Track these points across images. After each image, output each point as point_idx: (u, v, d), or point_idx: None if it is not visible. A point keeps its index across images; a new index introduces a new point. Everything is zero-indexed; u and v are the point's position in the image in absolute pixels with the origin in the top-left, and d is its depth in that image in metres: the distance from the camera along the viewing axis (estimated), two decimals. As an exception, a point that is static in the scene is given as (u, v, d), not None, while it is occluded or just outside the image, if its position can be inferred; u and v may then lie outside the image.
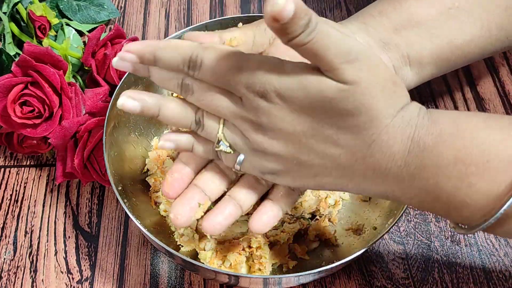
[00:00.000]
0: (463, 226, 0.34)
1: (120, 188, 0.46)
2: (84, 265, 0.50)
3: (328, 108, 0.31)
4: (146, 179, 0.51)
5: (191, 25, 0.64)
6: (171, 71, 0.35)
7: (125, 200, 0.45)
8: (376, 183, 0.34)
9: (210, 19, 0.70)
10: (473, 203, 0.32)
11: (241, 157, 0.36)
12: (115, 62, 0.35)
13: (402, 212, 0.43)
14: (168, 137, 0.38)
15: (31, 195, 0.55)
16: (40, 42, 0.57)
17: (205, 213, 0.39)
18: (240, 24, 0.42)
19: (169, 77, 0.35)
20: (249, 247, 0.47)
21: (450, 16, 0.46)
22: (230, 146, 0.36)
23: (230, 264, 0.46)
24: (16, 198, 0.54)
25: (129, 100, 0.36)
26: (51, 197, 0.55)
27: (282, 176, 0.36)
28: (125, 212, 0.44)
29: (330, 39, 0.29)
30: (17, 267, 0.50)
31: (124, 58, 0.35)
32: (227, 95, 0.34)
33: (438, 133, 0.32)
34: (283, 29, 0.28)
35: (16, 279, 0.49)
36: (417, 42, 0.45)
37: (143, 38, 0.68)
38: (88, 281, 0.49)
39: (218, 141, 0.36)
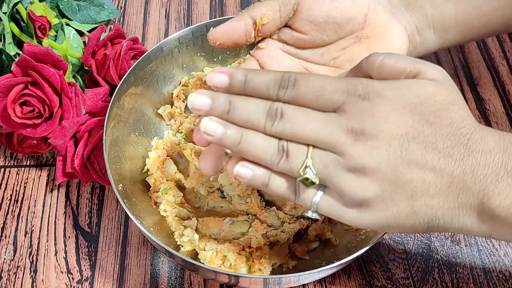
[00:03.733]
0: None
1: (120, 188, 0.46)
2: (84, 265, 0.50)
3: (429, 104, 0.32)
4: (146, 179, 0.51)
5: (191, 25, 0.64)
6: (257, 98, 0.34)
7: (125, 200, 0.45)
8: (474, 192, 0.32)
9: (210, 19, 0.70)
10: None
11: (320, 193, 0.35)
12: (192, 98, 0.34)
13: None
14: (246, 164, 0.35)
15: (31, 195, 0.55)
16: (40, 42, 0.57)
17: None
18: None
19: (255, 104, 0.34)
20: (249, 247, 0.47)
21: None
22: (316, 174, 0.33)
23: (230, 264, 0.46)
24: (16, 198, 0.54)
25: (212, 123, 0.34)
26: (51, 197, 0.55)
27: (373, 207, 0.33)
28: (125, 212, 0.44)
29: (399, 57, 0.35)
30: (17, 267, 0.50)
31: (213, 79, 0.34)
32: (322, 109, 0.33)
33: None
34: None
35: (16, 279, 0.49)
36: (441, 4, 0.45)
37: (143, 38, 0.68)
38: (88, 281, 0.49)
39: (305, 168, 0.33)
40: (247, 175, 0.35)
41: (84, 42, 0.62)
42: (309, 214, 0.36)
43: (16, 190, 0.55)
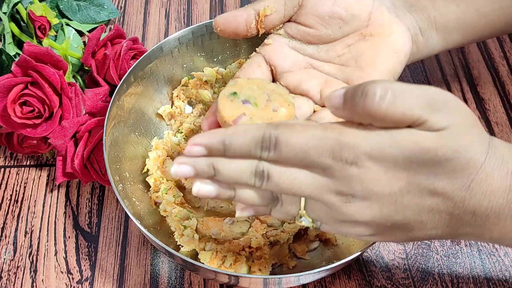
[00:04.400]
0: None
1: (120, 188, 0.46)
2: (84, 265, 0.50)
3: (427, 159, 0.30)
4: (146, 179, 0.51)
5: (191, 25, 0.64)
6: (241, 160, 0.33)
7: (125, 200, 0.45)
8: (474, 226, 0.32)
9: (210, 19, 0.70)
10: None
11: (318, 224, 0.35)
12: (174, 170, 0.33)
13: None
14: (245, 207, 0.36)
15: (31, 195, 0.55)
16: (40, 42, 0.57)
17: None
18: None
19: (240, 168, 0.33)
20: (249, 247, 0.47)
21: None
22: (313, 221, 0.34)
23: (230, 264, 0.46)
24: (16, 198, 0.54)
25: (203, 186, 0.34)
26: (51, 197, 0.55)
27: (371, 237, 0.35)
28: (125, 212, 0.44)
29: (407, 97, 0.29)
30: (17, 267, 0.50)
31: (191, 152, 0.33)
32: (309, 171, 0.32)
33: None
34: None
35: (16, 279, 0.49)
36: (443, 6, 0.45)
37: (143, 38, 0.68)
38: (88, 281, 0.49)
39: (300, 217, 0.34)
40: (249, 213, 0.36)
41: (84, 42, 0.62)
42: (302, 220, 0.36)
43: (16, 190, 0.55)
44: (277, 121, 0.34)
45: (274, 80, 0.45)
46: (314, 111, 0.44)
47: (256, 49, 0.46)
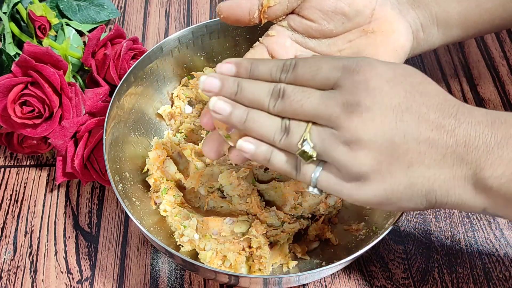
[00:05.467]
0: None
1: (120, 188, 0.46)
2: (84, 265, 0.50)
3: (415, 76, 0.35)
4: (146, 179, 0.51)
5: (191, 25, 0.64)
6: (263, 82, 0.37)
7: (125, 200, 0.45)
8: (466, 162, 0.33)
9: (210, 19, 0.70)
10: None
11: (319, 168, 0.36)
12: (203, 80, 0.37)
13: (402, 212, 0.43)
14: (249, 139, 0.37)
15: (31, 195, 0.55)
16: (40, 42, 0.57)
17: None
18: None
19: (260, 86, 0.37)
20: (249, 247, 0.47)
21: None
22: (314, 147, 0.35)
23: (230, 264, 0.46)
24: (16, 198, 0.54)
25: (220, 102, 0.37)
26: (51, 197, 0.55)
27: (370, 180, 0.34)
28: (125, 212, 0.44)
29: None
30: (17, 267, 0.50)
31: (222, 68, 0.37)
32: (320, 89, 0.35)
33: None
34: None
35: (16, 279, 0.49)
36: (445, 2, 0.46)
37: (143, 38, 0.68)
38: (88, 281, 0.49)
39: (303, 141, 0.35)
40: (250, 149, 0.37)
41: (84, 42, 0.62)
42: (310, 189, 0.37)
43: (16, 190, 0.55)
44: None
45: None
46: None
47: (260, 39, 0.46)
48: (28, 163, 0.57)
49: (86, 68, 0.58)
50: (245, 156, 0.38)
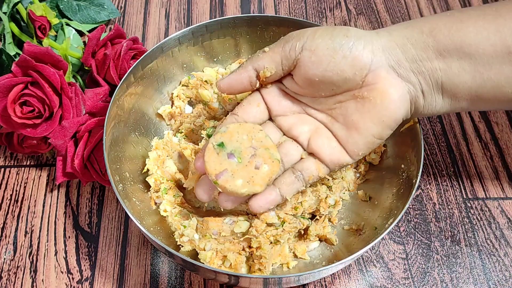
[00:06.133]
0: None
1: (120, 188, 0.46)
2: (84, 265, 0.50)
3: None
4: (146, 179, 0.51)
5: (191, 25, 0.64)
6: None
7: (125, 200, 0.45)
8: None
9: (210, 19, 0.70)
10: None
11: None
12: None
13: (402, 212, 0.43)
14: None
15: (31, 195, 0.55)
16: (40, 42, 0.57)
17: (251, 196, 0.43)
18: (267, 48, 0.43)
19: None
20: (249, 247, 0.47)
21: (507, 60, 0.40)
22: None
23: (230, 264, 0.46)
24: (16, 198, 0.54)
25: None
26: (51, 197, 0.55)
27: None
28: (125, 212, 0.44)
29: None
30: (17, 267, 0.50)
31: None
32: None
33: None
34: None
35: (16, 279, 0.49)
36: (458, 75, 0.41)
37: (143, 38, 0.68)
38: (88, 281, 0.49)
39: None
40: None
41: (84, 42, 0.62)
42: None
43: (16, 190, 0.55)
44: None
45: (271, 118, 0.46)
46: (301, 158, 0.45)
47: (256, 85, 0.46)
48: (28, 163, 0.57)
49: (86, 68, 0.58)
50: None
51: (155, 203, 0.50)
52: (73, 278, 0.49)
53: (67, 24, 0.63)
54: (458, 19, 0.41)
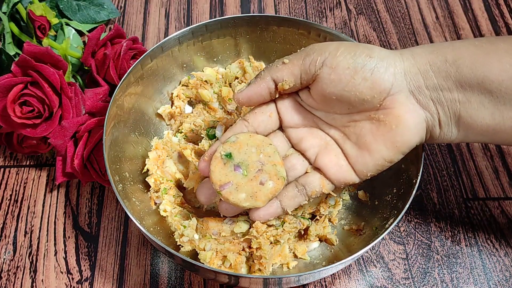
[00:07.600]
0: None
1: (120, 188, 0.46)
2: (84, 265, 0.50)
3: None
4: (146, 179, 0.51)
5: (191, 25, 0.64)
6: None
7: (125, 200, 0.45)
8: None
9: (210, 19, 0.70)
10: None
11: None
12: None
13: (402, 212, 0.42)
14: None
15: (31, 195, 0.55)
16: (40, 42, 0.57)
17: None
18: (286, 59, 0.42)
19: None
20: (249, 247, 0.47)
21: None
22: None
23: (230, 264, 0.46)
24: (16, 198, 0.54)
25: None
26: (51, 197, 0.55)
27: None
28: (125, 212, 0.44)
29: None
30: (17, 267, 0.50)
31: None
32: None
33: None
34: None
35: (16, 279, 0.49)
36: (477, 110, 0.40)
37: (143, 38, 0.68)
38: (88, 281, 0.49)
39: None
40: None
41: (84, 42, 0.62)
42: None
43: (16, 190, 0.55)
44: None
45: (281, 127, 0.46)
46: (306, 172, 0.44)
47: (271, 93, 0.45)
48: (28, 163, 0.57)
49: (86, 68, 0.58)
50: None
51: (155, 203, 0.50)
52: (72, 278, 0.49)
53: (67, 24, 0.63)
54: (484, 52, 0.39)
